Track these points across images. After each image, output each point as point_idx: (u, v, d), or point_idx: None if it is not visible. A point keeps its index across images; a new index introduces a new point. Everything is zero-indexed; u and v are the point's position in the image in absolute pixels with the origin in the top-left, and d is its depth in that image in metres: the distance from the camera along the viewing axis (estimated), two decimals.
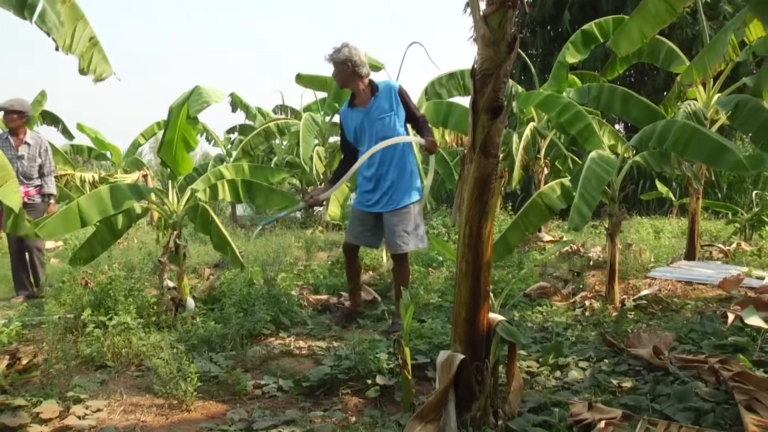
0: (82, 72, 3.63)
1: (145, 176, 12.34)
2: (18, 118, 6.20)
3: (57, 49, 3.44)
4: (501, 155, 2.66)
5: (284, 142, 11.60)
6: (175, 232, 5.10)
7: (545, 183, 8.42)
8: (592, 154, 4.66)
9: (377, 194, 4.61)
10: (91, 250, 5.23)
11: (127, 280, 4.97)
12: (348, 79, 4.54)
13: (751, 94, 5.39)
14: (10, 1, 3.21)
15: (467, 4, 18.56)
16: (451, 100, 7.56)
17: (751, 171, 4.77)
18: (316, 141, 11.51)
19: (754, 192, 10.48)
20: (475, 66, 2.38)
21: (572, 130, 5.63)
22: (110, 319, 4.36)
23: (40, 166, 6.37)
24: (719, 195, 12.50)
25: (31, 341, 4.49)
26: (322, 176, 11.86)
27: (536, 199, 5.07)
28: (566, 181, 5.17)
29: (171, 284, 5.14)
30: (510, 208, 11.14)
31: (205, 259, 8.14)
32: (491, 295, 2.73)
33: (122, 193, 4.74)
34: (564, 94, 7.06)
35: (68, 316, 4.53)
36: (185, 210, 5.21)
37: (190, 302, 4.99)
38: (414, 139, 4.57)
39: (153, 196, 5.14)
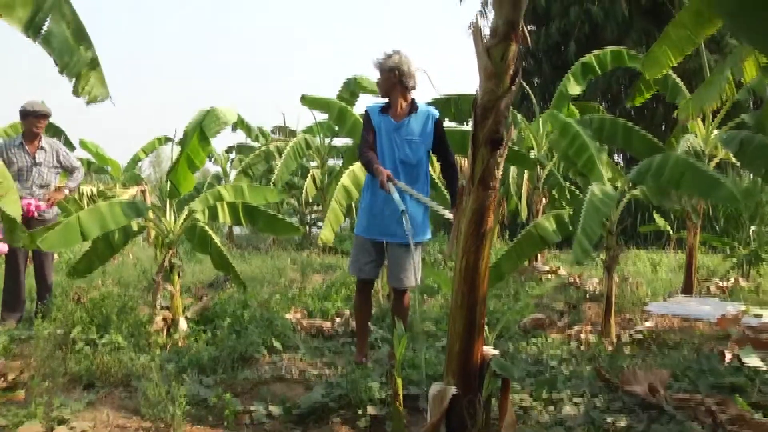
0: (75, 93, 3.61)
1: (143, 192, 12.33)
2: (45, 122, 5.82)
3: (61, 72, 3.43)
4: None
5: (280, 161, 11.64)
6: (171, 251, 5.07)
7: (542, 213, 8.41)
8: (593, 187, 4.65)
9: (390, 221, 4.20)
10: (88, 264, 5.21)
11: (120, 297, 4.93)
12: (392, 88, 4.19)
13: (754, 132, 5.40)
14: (19, 19, 3.20)
15: (470, 25, 18.71)
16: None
17: (743, 202, 4.77)
18: (313, 163, 11.51)
19: (752, 228, 10.47)
20: (477, 98, 2.38)
21: (578, 162, 5.65)
22: (101, 337, 4.31)
23: (66, 169, 5.98)
24: (717, 229, 12.49)
25: (19, 356, 4.43)
26: (311, 199, 11.86)
27: (531, 230, 5.05)
28: (563, 212, 5.15)
29: (164, 303, 5.10)
30: (507, 236, 11.13)
31: (200, 278, 8.10)
32: (486, 327, 2.70)
33: (122, 210, 4.72)
34: (561, 116, 7.11)
35: (58, 331, 4.48)
36: (182, 229, 5.19)
37: (183, 323, 4.94)
38: (438, 208, 3.96)
39: (150, 214, 5.12)
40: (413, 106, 4.24)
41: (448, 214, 3.88)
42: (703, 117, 6.60)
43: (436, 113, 4.32)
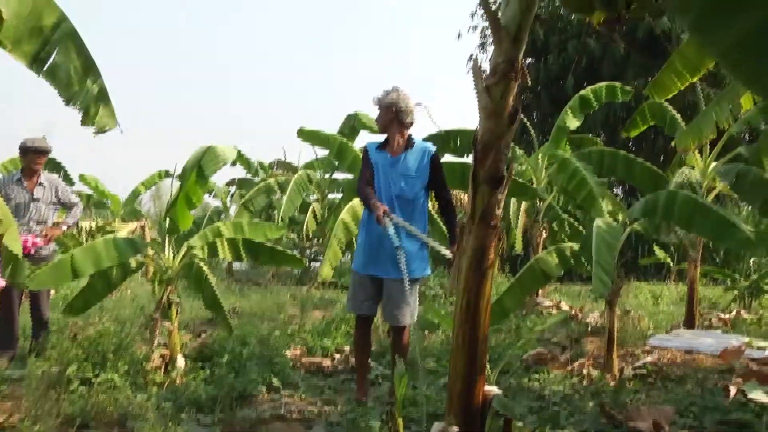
0: (83, 123, 3.61)
1: (143, 227, 12.29)
2: (45, 158, 5.73)
3: (67, 104, 3.44)
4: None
5: (284, 198, 11.64)
6: (170, 288, 5.04)
7: (543, 246, 8.40)
8: (597, 222, 4.67)
9: (386, 257, 4.16)
10: (85, 301, 5.16)
11: (116, 334, 4.88)
12: (389, 124, 4.26)
13: (750, 164, 5.44)
14: (25, 53, 3.20)
15: (470, 58, 18.93)
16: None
17: (758, 249, 4.75)
18: (313, 197, 11.51)
19: (752, 259, 10.45)
20: (476, 135, 2.38)
21: (577, 197, 5.70)
22: (97, 375, 4.25)
23: (64, 205, 5.88)
24: (717, 260, 12.46)
25: (10, 397, 4.34)
26: (311, 233, 11.85)
27: (533, 265, 5.04)
28: (564, 246, 5.14)
29: (162, 341, 5.05)
30: (508, 269, 11.07)
31: (200, 314, 8.02)
32: (488, 363, 2.66)
33: (118, 247, 4.69)
34: (560, 151, 7.17)
35: (53, 370, 4.41)
36: (180, 266, 5.16)
37: (180, 360, 4.88)
38: (435, 244, 4.06)
39: (149, 251, 5.10)
40: (410, 142, 4.30)
41: (446, 251, 3.88)
42: (701, 149, 6.65)
43: (432, 148, 4.36)
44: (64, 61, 3.32)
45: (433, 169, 4.28)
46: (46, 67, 3.28)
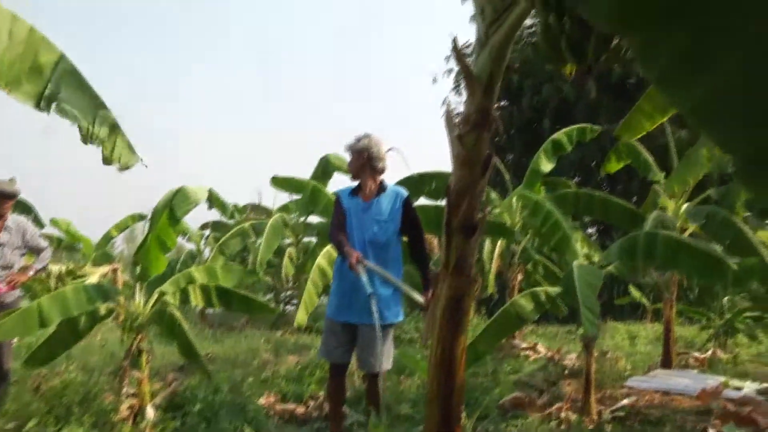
0: (106, 161, 3.50)
1: (114, 270, 12.06)
2: (12, 202, 5.42)
3: (85, 141, 3.35)
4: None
5: (259, 242, 11.56)
6: (140, 335, 4.91)
7: (519, 289, 8.41)
8: (576, 264, 4.71)
9: (360, 304, 4.07)
10: (49, 351, 4.98)
11: (83, 384, 4.72)
12: (361, 170, 4.27)
13: (721, 206, 5.58)
14: (27, 93, 3.12)
15: (444, 102, 19.19)
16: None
17: (746, 284, 4.82)
18: (288, 241, 11.44)
19: (725, 297, 10.53)
20: (450, 184, 2.37)
21: (551, 240, 5.75)
22: (59, 429, 4.10)
23: (32, 250, 5.59)
24: (691, 297, 12.54)
25: None
26: (290, 277, 11.75)
27: (508, 309, 5.01)
28: (539, 290, 5.15)
29: (131, 390, 4.90)
30: (484, 311, 11.03)
31: (171, 360, 7.84)
32: (464, 410, 2.61)
33: (88, 294, 4.58)
34: (540, 196, 7.24)
35: (9, 426, 4.21)
36: (152, 312, 5.05)
37: (150, 411, 4.73)
38: (409, 291, 3.98)
39: (119, 298, 4.98)
40: (382, 187, 4.31)
41: (419, 298, 3.85)
42: (673, 193, 6.79)
43: (405, 193, 4.38)
44: (70, 99, 3.24)
45: (405, 214, 4.28)
46: (53, 106, 3.20)
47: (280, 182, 8.78)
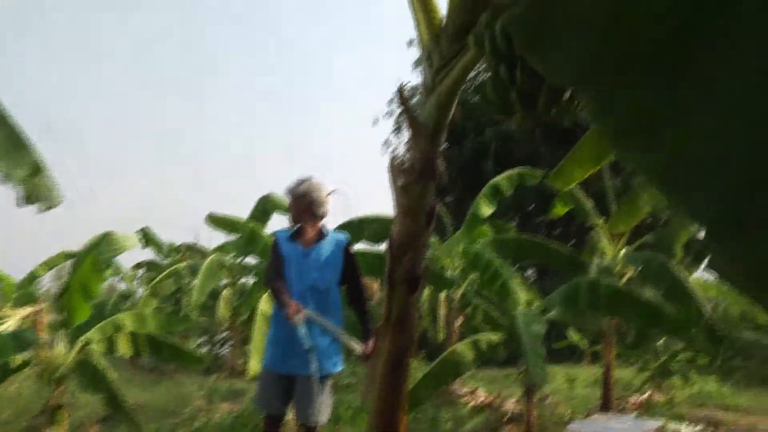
0: (25, 202, 3.22)
1: (37, 312, 11.43)
2: None
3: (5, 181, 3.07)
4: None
5: (194, 283, 11.20)
6: (60, 387, 4.58)
7: (459, 333, 8.37)
8: (519, 312, 4.71)
9: (297, 353, 3.90)
10: None
11: None
12: (302, 215, 4.11)
13: (658, 250, 5.69)
14: None
15: (385, 143, 19.26)
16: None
17: (686, 332, 4.89)
18: (224, 281, 11.14)
19: (660, 340, 10.75)
20: (392, 235, 2.27)
21: (493, 287, 5.73)
22: None
23: None
24: (628, 340, 12.75)
25: None
26: (223, 320, 11.43)
27: (448, 358, 4.93)
28: (480, 338, 5.11)
29: None
30: (423, 354, 10.90)
31: (96, 410, 7.39)
32: None
33: (2, 344, 4.25)
34: (480, 242, 7.24)
35: None
36: (74, 362, 4.72)
37: None
38: (349, 342, 3.86)
39: (39, 346, 4.64)
40: (322, 233, 4.17)
41: (359, 348, 3.72)
42: (612, 237, 6.89)
43: (345, 240, 4.25)
44: None
45: (345, 262, 4.14)
46: None
47: (216, 221, 8.55)
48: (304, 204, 4.08)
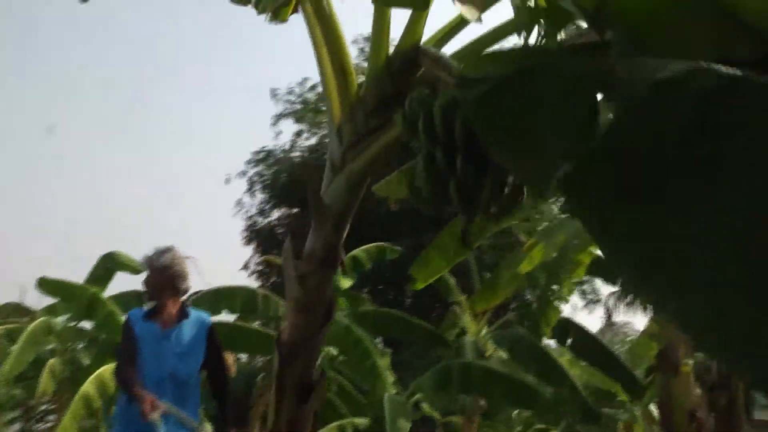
0: None
1: None
2: None
3: None
4: None
5: (13, 350, 9.88)
6: None
7: (322, 419, 8.01)
8: (388, 398, 4.50)
9: None
10: None
11: None
12: (161, 291, 3.60)
13: (523, 327, 5.74)
14: None
15: (238, 202, 18.32)
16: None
17: (558, 412, 4.91)
18: (50, 347, 9.98)
19: (515, 412, 10.94)
20: (281, 333, 1.92)
21: (360, 368, 5.46)
22: None
23: None
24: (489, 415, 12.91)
25: None
26: (45, 392, 10.17)
27: None
28: (345, 423, 4.87)
29: None
30: None
31: None
32: None
33: None
34: (339, 314, 7.00)
35: None
36: None
37: None
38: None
39: None
40: (184, 311, 3.65)
41: None
42: (475, 314, 6.91)
43: (210, 320, 3.78)
44: None
45: (209, 345, 3.66)
46: None
47: (48, 286, 7.63)
48: (166, 277, 3.58)
